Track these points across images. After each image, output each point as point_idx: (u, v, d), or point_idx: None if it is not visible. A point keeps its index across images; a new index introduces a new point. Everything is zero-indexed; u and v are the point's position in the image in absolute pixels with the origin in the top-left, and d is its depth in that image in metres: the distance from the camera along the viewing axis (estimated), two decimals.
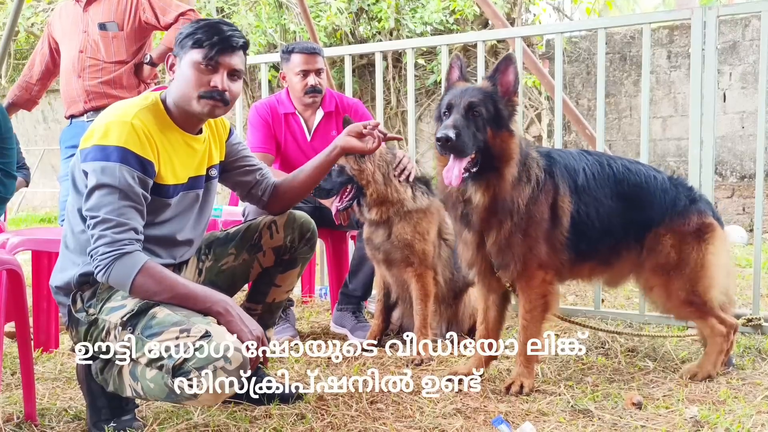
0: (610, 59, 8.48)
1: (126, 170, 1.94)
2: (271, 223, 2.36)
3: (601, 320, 3.50)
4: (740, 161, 8.03)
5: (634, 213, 2.58)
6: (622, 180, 2.58)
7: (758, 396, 2.34)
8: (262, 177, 2.41)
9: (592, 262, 2.62)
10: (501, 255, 2.45)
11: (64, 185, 3.77)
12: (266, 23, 9.41)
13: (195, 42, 2.06)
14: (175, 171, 2.10)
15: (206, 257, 2.36)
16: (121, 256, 1.90)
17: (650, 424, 2.10)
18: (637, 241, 2.61)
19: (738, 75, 7.96)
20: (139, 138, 1.98)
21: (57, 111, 11.12)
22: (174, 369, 1.83)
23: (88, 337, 2.03)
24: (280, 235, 2.35)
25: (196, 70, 2.06)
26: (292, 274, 2.44)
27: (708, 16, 3.18)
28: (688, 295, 2.57)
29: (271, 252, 2.36)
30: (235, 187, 2.43)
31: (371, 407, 2.27)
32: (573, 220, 2.47)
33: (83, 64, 3.69)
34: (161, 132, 2.06)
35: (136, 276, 1.91)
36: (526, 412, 2.22)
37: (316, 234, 2.45)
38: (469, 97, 2.33)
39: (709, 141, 3.21)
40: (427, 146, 9.29)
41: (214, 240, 2.38)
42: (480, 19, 9.15)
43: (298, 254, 2.41)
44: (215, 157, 2.29)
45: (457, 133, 2.24)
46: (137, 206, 1.96)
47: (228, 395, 1.87)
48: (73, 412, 2.25)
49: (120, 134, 1.96)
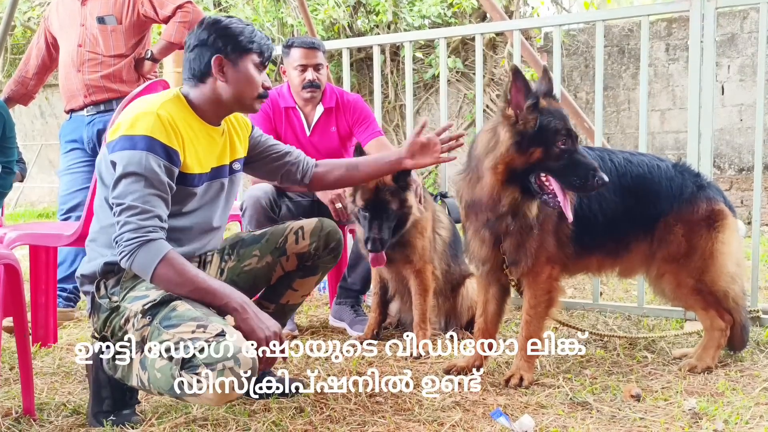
0: (608, 52, 8.46)
1: (152, 158, 1.98)
2: (298, 228, 2.36)
3: (600, 313, 3.50)
4: (738, 154, 8.03)
5: (640, 204, 2.57)
6: (624, 173, 2.58)
7: (756, 388, 2.34)
8: (296, 159, 2.48)
9: (599, 254, 2.62)
10: (516, 253, 2.45)
11: (63, 180, 3.77)
12: (264, 17, 9.37)
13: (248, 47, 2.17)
14: (199, 160, 2.14)
15: (229, 257, 2.36)
16: (145, 243, 1.93)
17: (649, 416, 2.10)
18: (647, 233, 2.60)
19: (736, 67, 7.94)
20: (165, 128, 2.02)
21: (54, 106, 11.09)
22: (183, 362, 1.84)
23: (107, 324, 2.08)
24: (305, 242, 2.35)
25: (255, 72, 2.18)
26: (310, 281, 2.45)
27: (706, 8, 3.17)
28: (696, 283, 2.57)
29: (294, 257, 2.36)
30: (269, 175, 2.50)
31: (370, 400, 2.27)
32: (576, 214, 2.47)
33: (82, 58, 3.68)
34: (185, 122, 2.11)
35: (158, 265, 1.93)
36: (525, 405, 2.23)
37: (342, 245, 2.46)
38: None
39: (707, 134, 3.20)
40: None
41: (238, 241, 2.39)
42: (478, 12, 9.13)
43: (321, 262, 2.41)
44: (239, 151, 2.34)
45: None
46: (162, 194, 2.00)
47: (230, 399, 1.88)
48: (71, 407, 2.25)
49: (146, 124, 2.00)
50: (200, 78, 2.14)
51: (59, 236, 2.80)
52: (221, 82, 2.13)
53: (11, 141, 3.37)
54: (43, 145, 11.46)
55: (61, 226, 3.03)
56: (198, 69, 2.14)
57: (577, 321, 3.36)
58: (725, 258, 2.58)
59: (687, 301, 2.65)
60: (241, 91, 2.15)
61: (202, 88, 2.15)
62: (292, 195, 3.31)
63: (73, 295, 3.68)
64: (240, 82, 2.14)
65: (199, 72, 2.14)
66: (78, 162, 3.75)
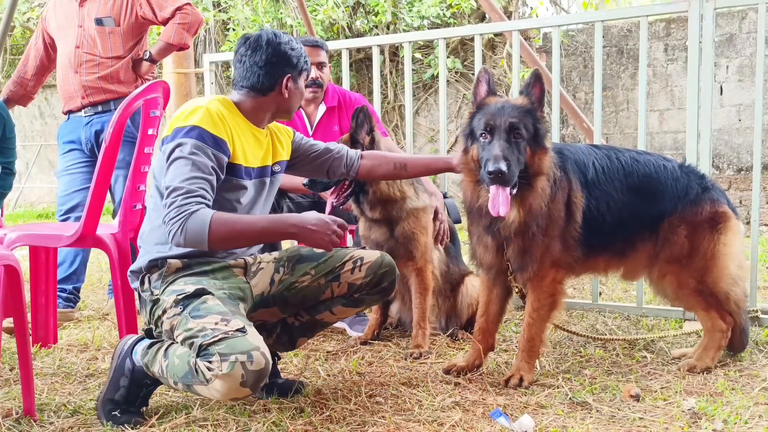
0: (607, 53, 8.46)
1: (200, 145, 2.10)
2: (358, 258, 2.36)
3: (599, 313, 3.50)
4: (737, 154, 8.03)
5: (646, 204, 2.58)
6: (631, 172, 2.58)
7: (756, 387, 2.35)
8: (338, 153, 2.57)
9: (606, 255, 2.63)
10: (521, 258, 2.45)
11: (62, 180, 3.77)
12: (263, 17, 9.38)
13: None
14: (245, 154, 2.25)
15: (284, 269, 2.35)
16: (190, 215, 2.01)
17: (648, 416, 2.11)
18: (652, 232, 2.61)
19: (735, 68, 7.95)
20: (213, 119, 2.15)
21: (54, 106, 11.09)
22: (201, 348, 1.91)
23: (152, 315, 2.18)
24: (360, 275, 2.35)
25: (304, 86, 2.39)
26: (351, 311, 2.43)
27: (705, 9, 3.17)
28: (697, 284, 2.58)
29: (346, 286, 2.35)
30: (315, 171, 2.61)
31: (370, 401, 2.28)
32: (584, 216, 2.47)
33: (80, 59, 3.68)
34: (232, 118, 2.24)
35: (210, 228, 2.01)
36: (525, 405, 2.23)
37: (395, 285, 2.44)
38: (509, 117, 2.29)
39: (706, 134, 3.21)
40: (425, 140, 9.28)
41: (296, 255, 2.38)
42: (477, 12, 9.13)
43: (368, 298, 2.40)
44: (281, 154, 2.44)
45: (508, 165, 2.22)
46: (207, 177, 2.09)
47: (235, 396, 1.91)
48: (71, 407, 2.25)
49: (196, 116, 2.15)
50: (263, 92, 2.28)
51: (59, 237, 2.80)
52: (283, 96, 2.30)
53: (11, 142, 3.37)
54: (43, 145, 11.45)
55: (60, 226, 3.04)
56: (265, 84, 2.27)
57: (576, 321, 3.36)
58: (728, 260, 2.58)
59: (689, 302, 2.66)
60: (295, 103, 2.36)
61: (261, 99, 2.29)
62: (293, 195, 3.31)
63: (73, 296, 3.68)
64: (297, 96, 2.35)
65: (265, 87, 2.28)
66: (76, 163, 3.75)
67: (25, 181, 11.54)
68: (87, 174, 3.65)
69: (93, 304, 3.98)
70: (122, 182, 3.49)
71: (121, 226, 2.82)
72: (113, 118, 2.66)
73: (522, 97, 2.41)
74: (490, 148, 2.27)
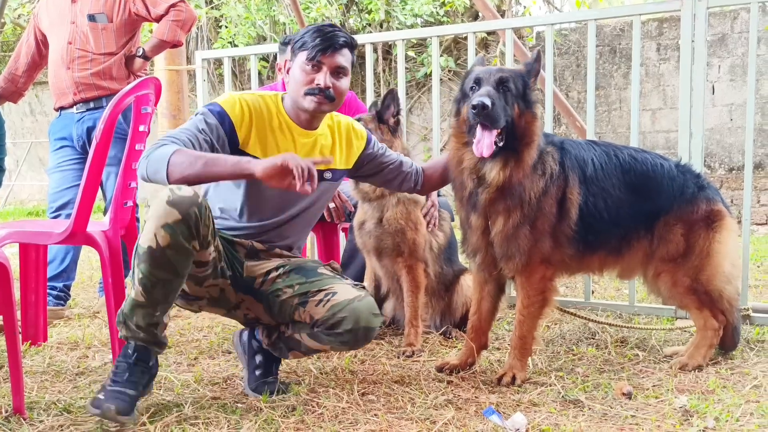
0: (599, 52, 8.49)
1: (206, 113, 2.21)
2: (332, 293, 2.19)
3: (591, 311, 3.51)
4: (729, 153, 8.07)
5: (642, 202, 2.58)
6: (629, 170, 2.58)
7: (747, 385, 2.36)
8: (409, 169, 2.62)
9: (602, 253, 2.62)
10: (506, 245, 2.43)
11: (53, 178, 3.74)
12: (256, 15, 9.36)
13: (302, 45, 2.27)
14: (267, 150, 2.26)
15: (282, 271, 2.29)
16: (157, 148, 2.06)
17: (640, 413, 2.11)
18: (648, 230, 2.61)
19: (727, 67, 7.99)
20: (233, 102, 2.23)
21: (44, 103, 11.03)
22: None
23: None
24: (322, 310, 2.17)
25: (302, 71, 2.26)
26: (314, 344, 2.24)
27: (698, 8, 3.18)
28: (692, 282, 2.59)
29: (308, 315, 2.20)
30: (386, 184, 2.66)
31: (362, 399, 2.27)
32: (581, 212, 2.47)
33: (72, 55, 3.66)
34: (268, 115, 2.29)
35: (170, 156, 2.01)
36: (517, 403, 2.23)
37: (357, 339, 2.19)
38: (500, 72, 2.36)
39: (698, 133, 3.22)
40: (418, 138, 9.28)
41: (299, 267, 2.30)
42: (470, 11, 9.14)
43: (324, 336, 2.20)
44: (338, 163, 2.44)
45: (492, 102, 2.25)
46: (198, 134, 2.14)
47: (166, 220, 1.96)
48: (62, 406, 2.24)
49: (222, 97, 2.27)
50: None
51: (49, 234, 2.77)
52: (289, 83, 2.34)
53: (1, 139, 3.34)
54: (33, 142, 11.39)
55: (51, 224, 3.01)
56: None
57: (569, 319, 3.36)
58: (722, 258, 2.59)
59: (682, 301, 2.66)
60: (292, 89, 2.32)
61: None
62: None
63: (64, 294, 3.66)
64: (291, 79, 2.33)
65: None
66: (68, 160, 3.73)
67: (15, 178, 11.47)
68: (78, 171, 3.63)
69: (83, 302, 3.96)
70: (113, 179, 3.48)
71: (112, 223, 2.80)
72: (104, 114, 2.64)
73: (521, 65, 2.47)
74: (477, 92, 2.31)
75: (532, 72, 2.41)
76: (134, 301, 2.05)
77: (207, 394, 2.34)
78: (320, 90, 2.23)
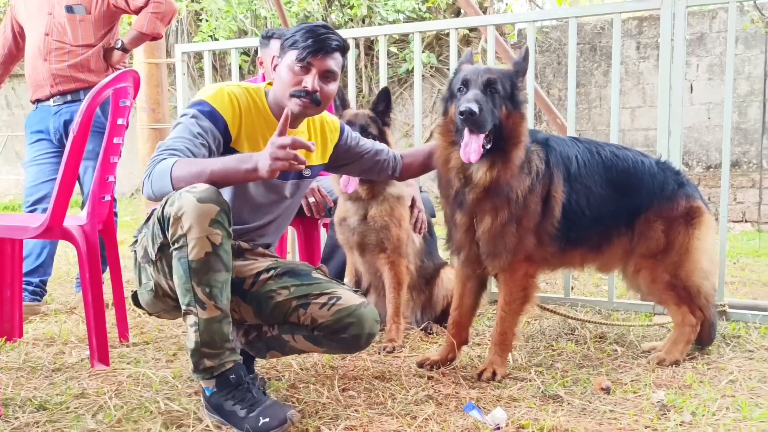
0: (580, 50, 8.54)
1: (197, 114, 2.11)
2: (336, 297, 2.15)
3: (571, 307, 3.54)
4: (706, 152, 8.17)
5: (624, 199, 2.60)
6: (611, 167, 2.60)
7: (723, 380, 2.39)
8: (386, 156, 2.58)
9: (583, 249, 2.64)
10: (492, 243, 2.43)
11: (29, 171, 3.69)
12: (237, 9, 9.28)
13: (292, 44, 2.20)
14: (256, 147, 2.19)
15: (273, 273, 2.23)
16: (157, 164, 2.00)
17: (618, 408, 2.13)
18: (628, 227, 2.63)
19: (705, 66, 8.08)
20: (222, 98, 2.15)
21: (21, 96, 10.86)
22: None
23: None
24: (327, 314, 2.13)
25: (290, 71, 2.19)
26: (310, 347, 2.21)
27: (677, 7, 3.21)
28: (671, 278, 2.61)
29: (309, 318, 2.15)
30: (364, 173, 2.64)
31: (343, 394, 2.26)
32: (564, 210, 2.48)
33: (49, 47, 3.61)
34: (255, 110, 2.22)
35: (172, 169, 1.96)
36: (497, 398, 2.24)
37: (359, 343, 2.17)
38: (488, 74, 2.34)
39: (676, 131, 3.25)
40: (399, 135, 9.28)
41: (291, 270, 2.24)
42: (452, 7, 9.15)
43: (325, 341, 2.17)
44: (314, 158, 2.38)
45: (480, 108, 2.24)
46: (192, 139, 2.07)
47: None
48: (37, 402, 2.21)
49: (208, 92, 2.17)
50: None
51: (25, 228, 2.73)
52: (275, 80, 2.27)
53: None
54: (9, 136, 11.21)
55: (27, 218, 2.97)
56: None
57: (549, 315, 3.38)
58: (700, 254, 2.62)
59: (661, 296, 2.69)
60: (278, 88, 2.25)
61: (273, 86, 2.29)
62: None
63: (40, 289, 3.61)
64: (277, 78, 2.26)
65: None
66: (44, 153, 3.68)
67: None
68: (55, 165, 3.58)
69: (60, 298, 3.91)
70: (91, 173, 3.42)
71: (89, 217, 2.77)
72: (81, 107, 2.61)
73: (510, 65, 2.46)
74: (465, 96, 2.29)
75: (521, 72, 2.41)
76: (209, 320, 1.93)
77: (186, 391, 2.32)
78: (307, 93, 2.16)
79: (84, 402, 2.22)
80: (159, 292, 2.13)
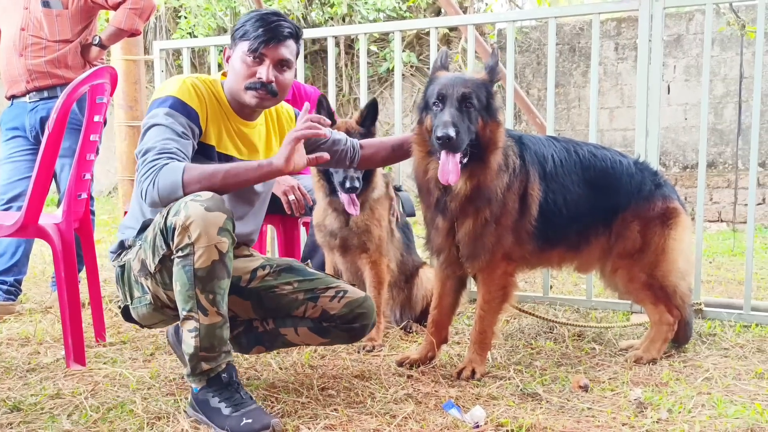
0: (559, 50, 8.60)
1: (172, 112, 2.05)
2: (342, 290, 2.25)
3: (550, 305, 3.56)
4: (683, 152, 8.27)
5: (601, 198, 2.61)
6: (588, 166, 2.61)
7: (699, 378, 2.42)
8: (344, 146, 2.49)
9: (561, 248, 2.65)
10: (473, 245, 2.44)
11: (4, 169, 3.63)
12: (216, 6, 9.22)
13: (243, 34, 2.14)
14: (221, 139, 2.18)
15: (269, 272, 2.24)
16: (161, 168, 1.96)
17: (596, 406, 2.15)
18: (606, 227, 2.65)
19: (682, 68, 8.18)
20: (189, 91, 2.10)
21: None
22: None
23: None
24: (338, 305, 2.22)
25: (243, 63, 2.14)
26: (314, 338, 2.29)
27: (655, 8, 3.24)
28: (648, 278, 2.63)
29: (320, 310, 2.23)
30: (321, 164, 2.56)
31: (322, 393, 2.26)
32: (542, 208, 2.49)
33: (25, 42, 3.55)
34: (216, 102, 2.18)
35: (183, 176, 1.94)
36: (477, 396, 2.24)
37: (366, 332, 2.32)
38: (462, 87, 2.29)
39: (654, 132, 3.28)
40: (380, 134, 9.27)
41: (288, 267, 2.28)
42: (433, 6, 9.16)
43: (334, 331, 2.26)
44: (274, 149, 2.34)
45: (456, 131, 2.21)
46: (181, 140, 2.03)
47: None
48: (11, 403, 2.17)
49: (172, 87, 2.10)
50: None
51: None
52: (228, 72, 2.23)
53: None
54: None
55: (1, 216, 2.92)
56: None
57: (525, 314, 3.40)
58: (677, 254, 2.65)
59: (638, 296, 2.71)
60: (232, 81, 2.21)
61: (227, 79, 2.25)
62: None
63: (14, 288, 3.56)
64: (231, 71, 2.21)
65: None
66: (20, 150, 3.62)
67: None
68: (31, 162, 3.53)
69: (35, 297, 3.85)
70: (67, 171, 3.38)
71: (65, 216, 2.73)
72: (57, 103, 2.57)
73: (479, 71, 2.44)
74: (441, 116, 2.26)
75: (494, 77, 2.38)
76: (210, 326, 1.92)
77: (163, 391, 2.30)
78: (262, 84, 2.12)
79: (59, 402, 2.19)
80: (158, 304, 2.10)
